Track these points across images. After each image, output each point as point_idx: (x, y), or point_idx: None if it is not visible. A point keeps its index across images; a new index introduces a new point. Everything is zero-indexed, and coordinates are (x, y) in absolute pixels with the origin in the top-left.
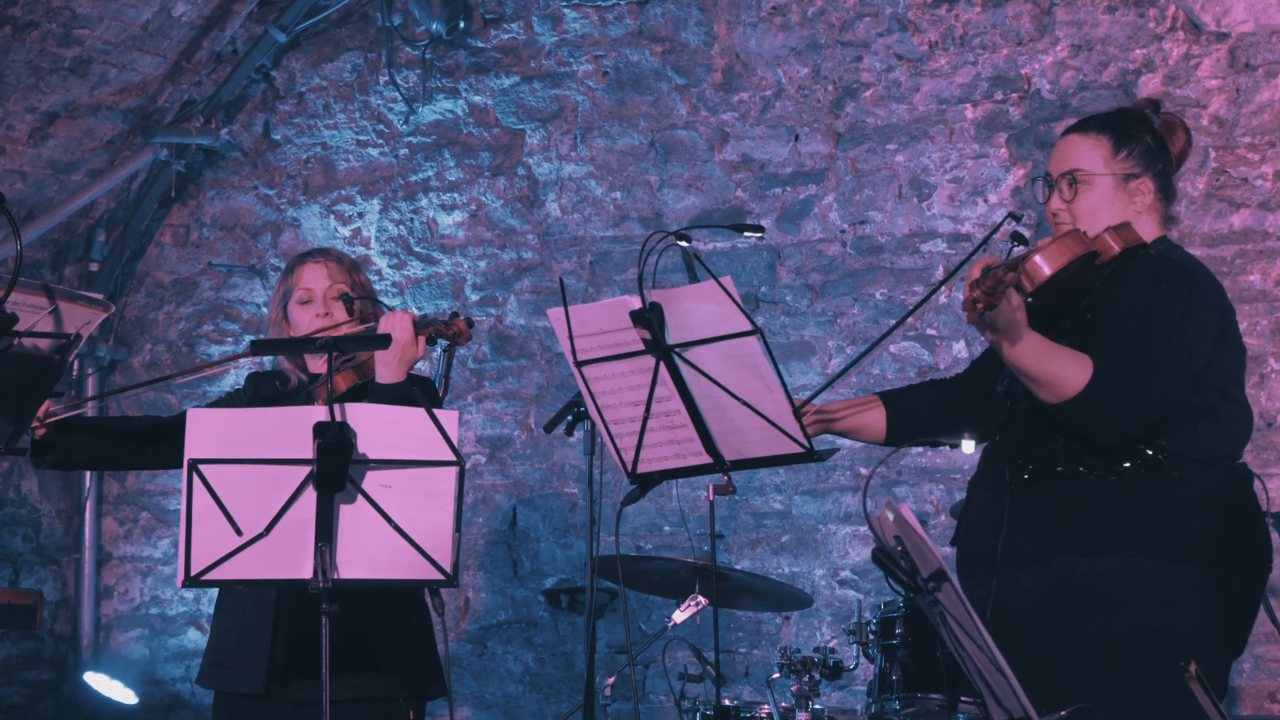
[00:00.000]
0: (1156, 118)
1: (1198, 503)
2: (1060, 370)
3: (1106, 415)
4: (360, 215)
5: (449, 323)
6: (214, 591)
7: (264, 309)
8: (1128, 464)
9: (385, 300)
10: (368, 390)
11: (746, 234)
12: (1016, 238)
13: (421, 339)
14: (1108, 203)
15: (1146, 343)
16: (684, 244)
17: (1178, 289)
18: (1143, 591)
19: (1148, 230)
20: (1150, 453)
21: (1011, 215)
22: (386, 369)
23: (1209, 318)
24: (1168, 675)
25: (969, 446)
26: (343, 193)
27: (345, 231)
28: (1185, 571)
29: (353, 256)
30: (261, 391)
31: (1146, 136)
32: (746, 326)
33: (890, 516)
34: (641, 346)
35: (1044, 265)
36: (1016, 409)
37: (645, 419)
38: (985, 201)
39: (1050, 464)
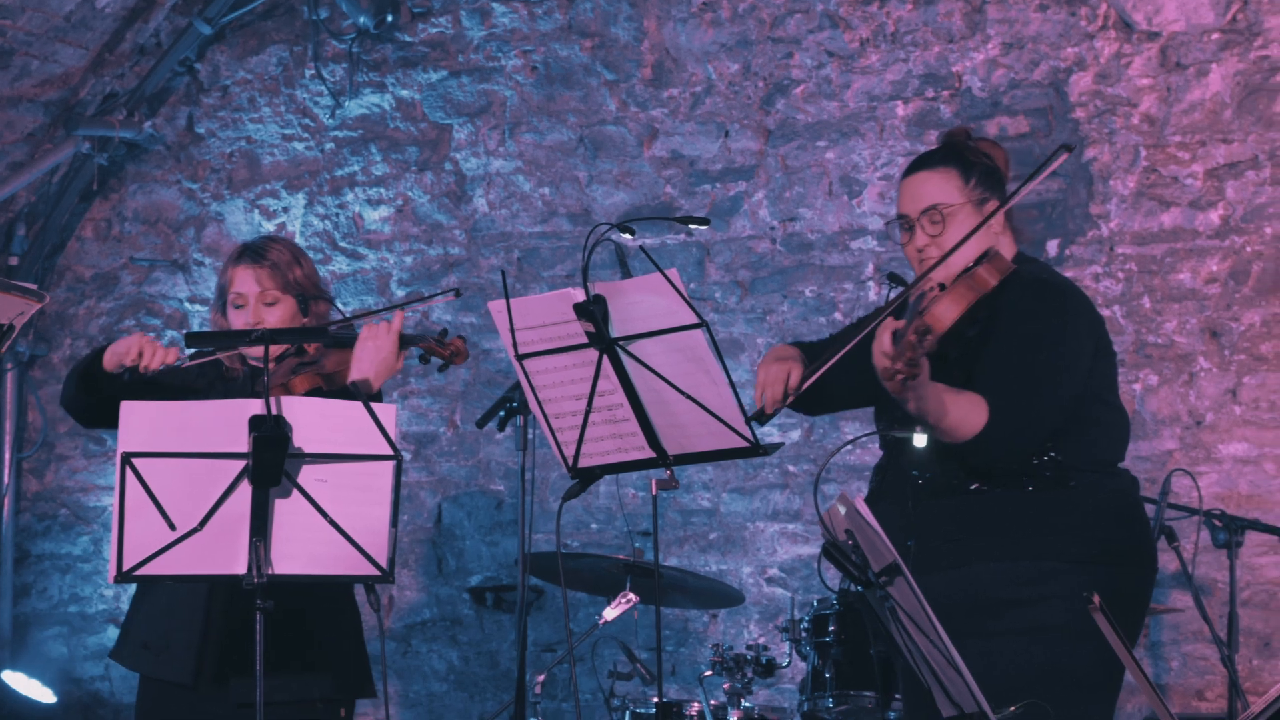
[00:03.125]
0: (974, 143)
1: (1097, 507)
2: (961, 415)
3: (1001, 448)
4: (285, 210)
5: (441, 340)
6: (134, 587)
7: (186, 304)
8: (1029, 475)
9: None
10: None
11: (690, 226)
12: (893, 279)
13: (403, 354)
14: (967, 233)
15: (1034, 373)
16: (626, 235)
17: (1055, 312)
18: (1055, 591)
19: (1007, 249)
20: (1049, 464)
21: (891, 276)
22: (360, 375)
23: (1085, 333)
24: (1082, 667)
25: (921, 440)
26: (267, 187)
27: (270, 226)
28: (1091, 571)
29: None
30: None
31: (983, 160)
32: (692, 319)
33: (842, 510)
34: (584, 339)
35: (945, 317)
36: (915, 427)
37: (587, 412)
38: None
39: (954, 479)
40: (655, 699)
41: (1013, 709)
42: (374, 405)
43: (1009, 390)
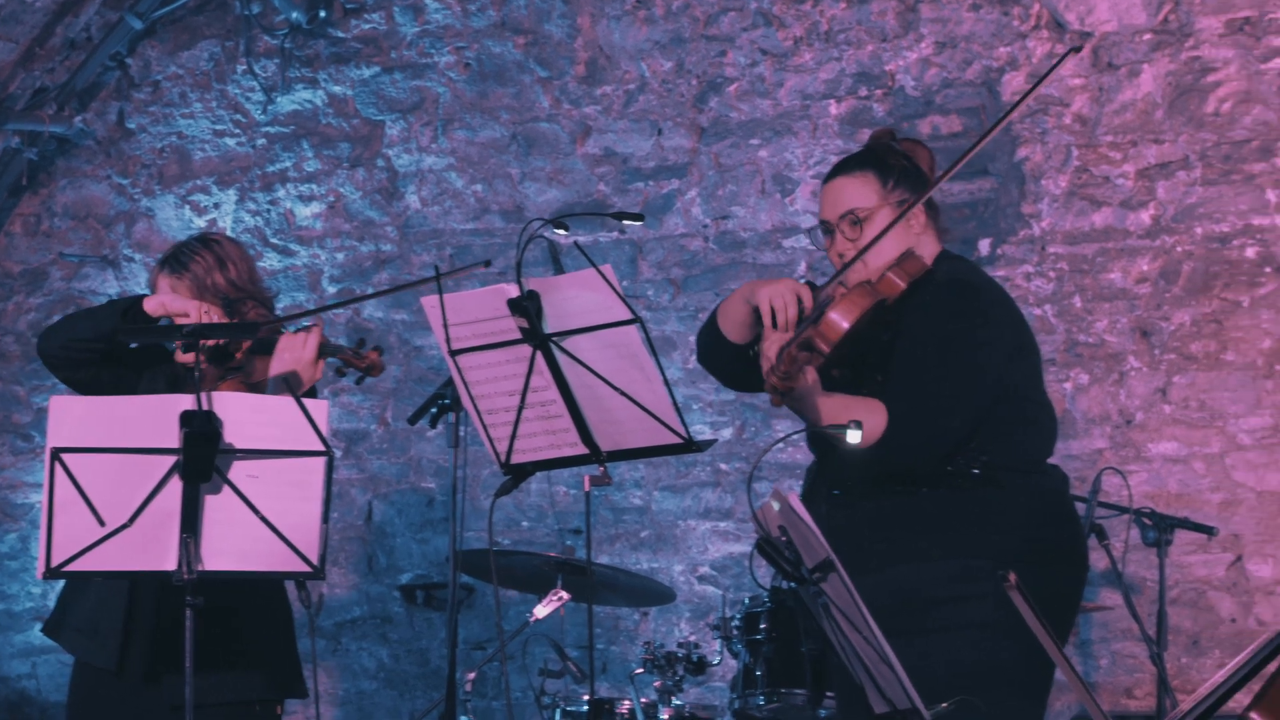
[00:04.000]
0: (898, 144)
1: (1027, 506)
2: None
3: (904, 453)
4: (216, 206)
5: (358, 353)
6: (61, 584)
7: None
8: (956, 476)
9: None
10: None
11: (624, 223)
12: (811, 287)
13: (321, 362)
14: (890, 233)
15: (941, 372)
16: (561, 231)
17: (968, 312)
18: (985, 589)
19: (928, 249)
20: (978, 463)
21: (809, 282)
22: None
23: (1001, 331)
24: (1012, 664)
25: (854, 437)
26: (198, 183)
27: (201, 222)
28: (1023, 570)
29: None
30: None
31: (903, 162)
32: (627, 315)
33: (776, 506)
34: (518, 335)
35: (839, 323)
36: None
37: (520, 408)
38: None
39: (881, 481)
40: (586, 697)
41: (945, 705)
42: (305, 401)
43: (910, 395)
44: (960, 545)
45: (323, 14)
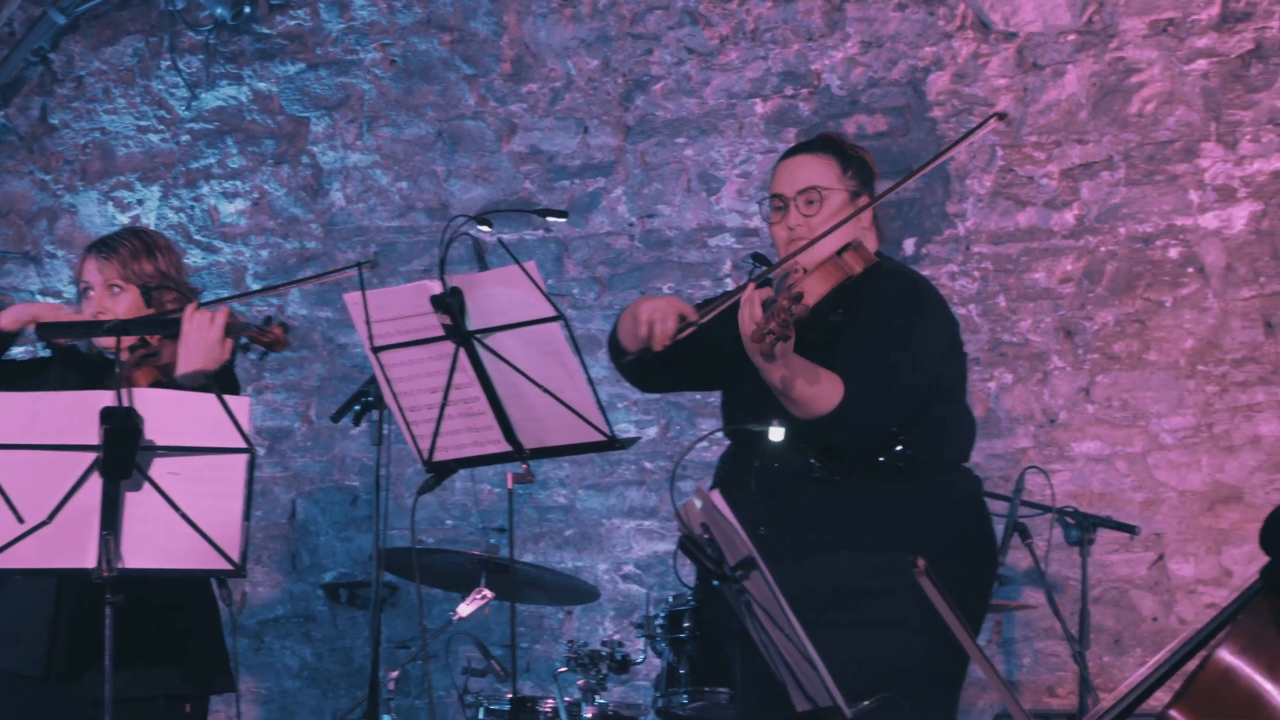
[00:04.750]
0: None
1: (947, 502)
2: (818, 392)
3: (852, 430)
4: (140, 202)
5: (263, 329)
6: None
7: (40, 297)
8: (880, 468)
9: None
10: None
11: (549, 221)
12: (758, 259)
13: (229, 341)
14: (843, 217)
15: (890, 361)
16: (485, 228)
17: (916, 305)
18: (904, 583)
19: (871, 246)
20: (901, 457)
21: (755, 255)
22: (188, 367)
23: (941, 330)
24: (929, 660)
25: (777, 434)
26: (122, 179)
27: (124, 219)
28: (942, 565)
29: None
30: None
31: (859, 155)
32: (550, 312)
33: (698, 504)
34: (441, 332)
35: (814, 292)
36: (767, 416)
37: (443, 406)
38: None
39: (804, 470)
40: (509, 695)
41: (867, 703)
42: (227, 398)
43: (865, 374)
44: (882, 537)
45: (247, 10)
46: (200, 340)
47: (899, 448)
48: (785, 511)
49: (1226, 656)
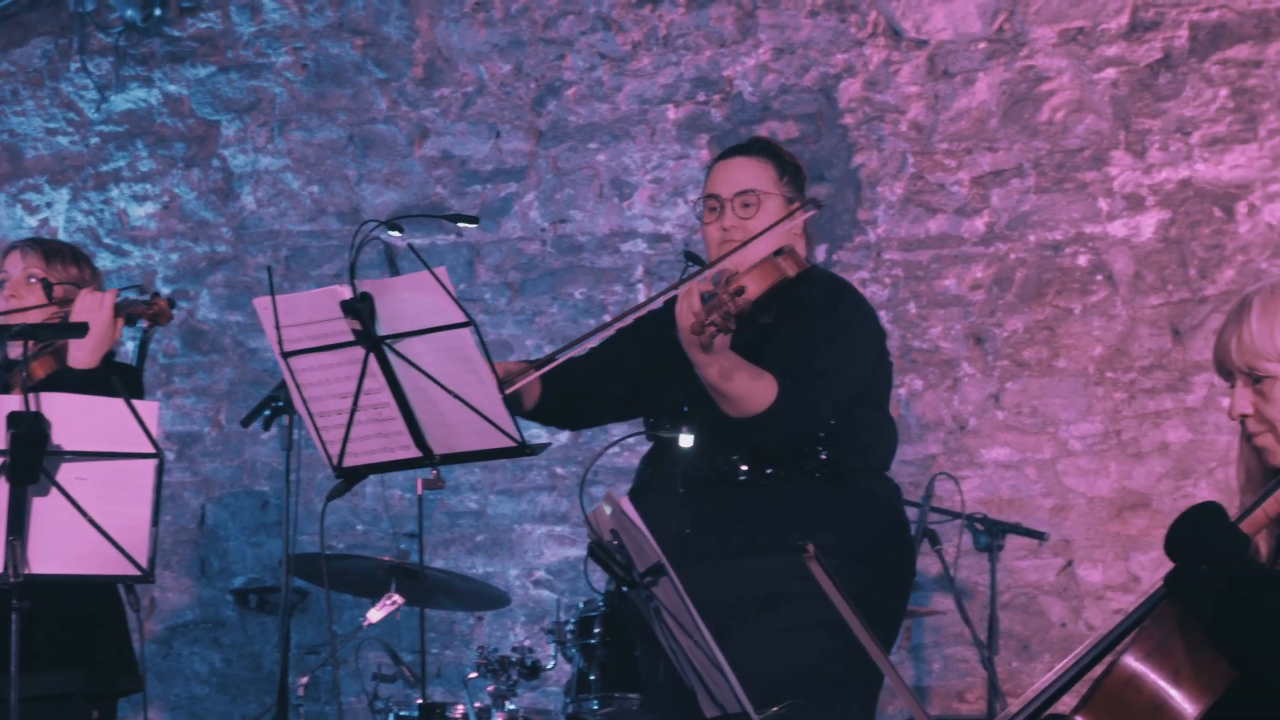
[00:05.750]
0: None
1: (868, 508)
2: (753, 390)
3: (784, 431)
4: (49, 205)
5: (149, 303)
6: None
7: None
8: (804, 473)
9: None
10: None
11: (461, 226)
12: (690, 258)
13: (120, 320)
14: (774, 228)
15: (824, 365)
16: (395, 233)
17: (850, 312)
18: (819, 587)
19: (801, 252)
20: (824, 462)
21: (688, 253)
22: (81, 351)
23: (872, 338)
24: (845, 666)
25: (687, 441)
26: (30, 181)
27: (32, 221)
28: (855, 570)
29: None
30: None
31: (795, 162)
32: (460, 318)
33: (607, 510)
34: (351, 337)
35: (751, 290)
36: (690, 420)
37: (353, 411)
38: (686, 202)
39: (730, 472)
40: (418, 700)
41: (775, 710)
42: (136, 403)
43: (799, 375)
44: (811, 541)
45: (158, 12)
46: (94, 322)
47: (824, 453)
48: (710, 514)
49: (1132, 662)
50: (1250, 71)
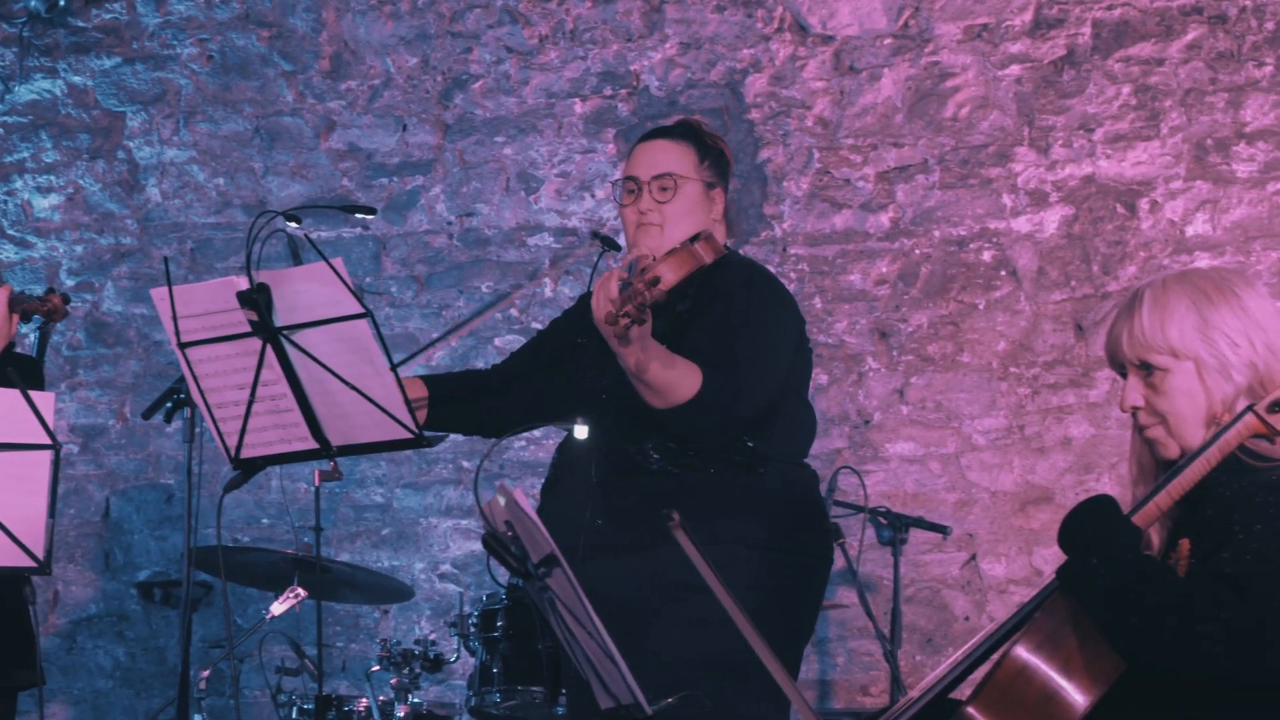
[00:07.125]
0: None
1: (783, 497)
2: (676, 379)
3: (709, 421)
4: None
5: (44, 299)
6: None
7: None
8: (720, 461)
9: None
10: None
11: (358, 215)
12: (605, 241)
13: (15, 316)
14: (696, 207)
15: (746, 352)
16: (294, 224)
17: (769, 298)
18: (738, 577)
19: (720, 238)
20: (741, 450)
21: (595, 233)
22: None
23: (793, 325)
24: (752, 653)
25: (582, 432)
26: None
27: None
28: (774, 559)
29: None
30: None
31: (717, 145)
32: (357, 309)
33: (502, 501)
34: (248, 328)
35: (667, 278)
36: (606, 408)
37: (250, 402)
38: (593, 196)
39: (643, 461)
40: (321, 692)
41: (670, 700)
42: (33, 394)
43: (722, 364)
44: (717, 530)
45: (62, 2)
46: None
47: (747, 441)
48: (623, 504)
49: (1023, 654)
50: (1153, 69)
